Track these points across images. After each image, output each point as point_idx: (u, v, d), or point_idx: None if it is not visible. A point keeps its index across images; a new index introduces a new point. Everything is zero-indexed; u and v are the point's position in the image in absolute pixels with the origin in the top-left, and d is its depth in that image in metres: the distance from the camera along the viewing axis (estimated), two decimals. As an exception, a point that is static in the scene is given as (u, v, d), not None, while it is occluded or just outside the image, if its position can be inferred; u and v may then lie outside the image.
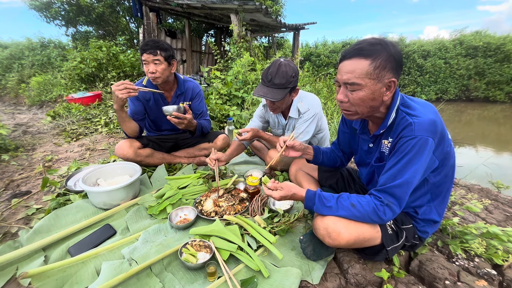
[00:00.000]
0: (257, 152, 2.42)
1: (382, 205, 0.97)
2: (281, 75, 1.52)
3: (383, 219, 0.98)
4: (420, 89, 11.65)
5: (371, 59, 0.92)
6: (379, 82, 0.94)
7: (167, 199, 1.65)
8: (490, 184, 2.21)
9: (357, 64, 0.94)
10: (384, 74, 0.93)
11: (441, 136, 0.96)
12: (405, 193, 0.95)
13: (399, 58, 0.94)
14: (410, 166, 0.93)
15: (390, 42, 0.95)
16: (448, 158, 1.04)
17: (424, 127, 0.92)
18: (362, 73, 0.94)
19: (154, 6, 7.06)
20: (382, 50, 0.92)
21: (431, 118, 0.93)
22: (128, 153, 1.92)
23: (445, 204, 1.14)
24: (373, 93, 0.96)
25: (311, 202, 1.08)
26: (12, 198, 1.84)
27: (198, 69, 9.36)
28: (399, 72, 0.96)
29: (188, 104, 2.06)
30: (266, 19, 7.60)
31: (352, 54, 0.96)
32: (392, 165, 0.98)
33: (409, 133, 0.93)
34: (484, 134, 7.30)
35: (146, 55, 1.80)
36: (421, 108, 0.98)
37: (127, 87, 1.65)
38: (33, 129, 3.98)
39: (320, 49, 13.72)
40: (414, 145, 0.92)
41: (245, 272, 1.17)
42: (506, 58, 10.57)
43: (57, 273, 1.14)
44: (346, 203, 1.01)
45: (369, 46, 0.93)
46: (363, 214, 0.99)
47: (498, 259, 1.17)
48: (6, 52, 8.94)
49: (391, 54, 0.92)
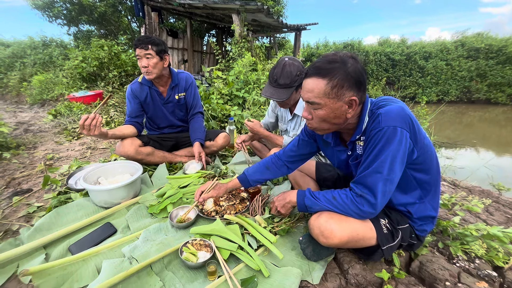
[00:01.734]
0: (257, 152, 2.42)
1: (357, 195, 0.98)
2: (285, 75, 1.54)
3: (362, 210, 0.97)
4: (422, 90, 11.63)
5: (327, 79, 0.92)
6: (339, 101, 0.94)
7: (167, 198, 1.65)
8: (491, 186, 2.21)
9: (316, 84, 0.94)
10: (343, 92, 0.93)
11: (415, 126, 0.95)
12: (376, 182, 0.94)
13: (357, 76, 0.92)
14: (380, 156, 0.92)
15: (349, 59, 0.93)
16: (427, 151, 1.02)
17: (391, 116, 0.92)
18: (320, 93, 0.94)
19: (156, 6, 7.07)
20: (339, 68, 0.91)
21: (400, 105, 0.94)
22: (129, 151, 1.93)
23: (438, 196, 1.13)
24: (333, 111, 0.97)
25: (301, 197, 1.15)
26: (13, 196, 1.84)
27: (200, 69, 9.37)
28: (361, 88, 0.95)
29: (182, 95, 2.13)
30: (268, 19, 7.61)
31: (311, 73, 0.96)
32: (365, 158, 0.98)
33: (377, 125, 0.93)
34: (485, 136, 7.29)
35: (139, 49, 1.84)
36: (389, 101, 0.99)
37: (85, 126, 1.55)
38: (34, 127, 3.99)
39: (321, 50, 13.73)
40: (382, 135, 0.91)
41: (245, 271, 1.17)
42: (508, 60, 10.55)
43: (57, 271, 1.14)
44: (329, 196, 1.06)
45: (326, 65, 0.93)
46: (343, 206, 1.01)
47: (498, 261, 1.17)
48: (8, 51, 8.98)
49: (348, 72, 0.91)
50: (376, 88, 11.32)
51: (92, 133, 1.58)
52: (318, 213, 1.09)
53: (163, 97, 2.10)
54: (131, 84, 2.05)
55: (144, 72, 1.90)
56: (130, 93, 2.03)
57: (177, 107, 2.18)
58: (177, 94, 2.12)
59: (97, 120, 1.58)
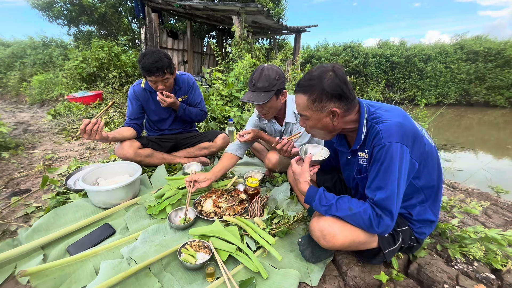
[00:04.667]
0: (256, 154, 2.42)
1: (376, 215, 0.98)
2: (264, 78, 1.55)
3: (375, 230, 0.99)
4: (421, 93, 11.67)
5: (308, 95, 1.03)
6: (322, 112, 1.04)
7: (166, 199, 1.65)
8: (490, 188, 2.21)
9: (300, 99, 1.06)
10: (324, 105, 1.02)
11: (413, 138, 0.98)
12: (393, 204, 0.96)
13: (334, 89, 0.99)
14: (389, 175, 0.95)
15: (328, 74, 0.99)
16: (428, 158, 1.04)
17: (391, 133, 0.96)
18: (304, 107, 1.06)
19: (157, 7, 7.10)
20: (316, 85, 1.00)
21: (398, 121, 0.98)
22: (128, 153, 1.92)
23: (439, 202, 1.14)
24: (319, 121, 1.07)
25: (311, 198, 1.10)
26: (11, 196, 1.84)
27: (200, 70, 9.39)
28: (343, 99, 1.01)
29: (185, 98, 2.14)
30: (268, 21, 7.64)
31: (297, 89, 1.08)
32: (374, 175, 1.00)
33: (379, 142, 0.97)
34: (484, 138, 7.31)
35: (154, 77, 1.81)
36: (387, 114, 1.01)
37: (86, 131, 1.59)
38: (33, 127, 3.98)
39: (321, 52, 13.76)
40: (385, 152, 0.95)
41: (244, 273, 1.17)
42: (507, 63, 10.60)
43: (55, 272, 1.14)
44: (345, 206, 1.02)
45: (306, 82, 1.04)
46: (358, 219, 1.00)
47: (497, 263, 1.17)
48: (8, 51, 8.96)
49: (324, 88, 0.99)
50: (376, 91, 11.36)
51: (93, 138, 1.60)
52: (320, 215, 1.09)
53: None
54: (134, 85, 2.05)
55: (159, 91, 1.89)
56: (132, 95, 2.02)
57: None
58: (180, 97, 2.12)
59: (99, 125, 1.60)
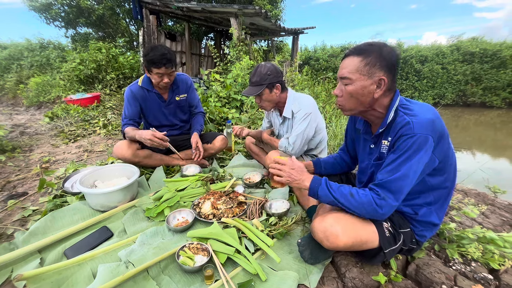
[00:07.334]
0: (255, 156, 2.42)
1: (379, 198, 0.98)
2: (257, 74, 1.77)
3: (378, 212, 0.99)
4: (418, 94, 11.73)
5: (362, 57, 1.01)
6: (369, 78, 1.01)
7: (165, 201, 1.64)
8: (487, 189, 2.22)
9: (351, 61, 1.04)
10: (374, 71, 1.00)
11: (440, 135, 0.98)
12: (401, 186, 0.97)
13: (390, 59, 1.00)
14: (407, 162, 0.96)
15: (385, 45, 1.02)
16: (448, 158, 1.05)
17: (423, 125, 0.95)
18: (353, 69, 1.03)
19: (154, 9, 7.09)
20: (374, 50, 1.00)
21: (429, 117, 0.97)
22: (127, 154, 1.92)
23: (446, 207, 1.15)
24: (362, 88, 1.03)
25: (315, 184, 1.12)
26: (8, 199, 1.82)
27: (198, 71, 9.38)
28: (392, 72, 1.01)
29: (184, 97, 2.18)
30: (266, 23, 7.65)
31: (350, 52, 1.06)
32: (390, 161, 1.00)
33: (408, 131, 0.95)
34: (481, 139, 7.35)
35: (164, 68, 1.87)
36: (419, 109, 1.01)
37: (158, 141, 1.83)
38: (30, 130, 3.96)
39: (319, 53, 13.80)
40: (413, 142, 0.94)
41: (243, 275, 1.17)
42: (502, 64, 10.67)
43: (52, 276, 1.13)
44: (346, 191, 1.05)
45: (364, 46, 1.03)
46: (359, 203, 1.01)
47: (494, 263, 1.18)
48: (5, 53, 8.93)
49: (382, 53, 0.99)
50: (373, 91, 11.37)
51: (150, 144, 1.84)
52: (322, 216, 1.10)
53: (164, 99, 2.12)
54: (131, 85, 2.04)
55: (162, 85, 1.96)
56: (130, 95, 2.01)
57: (178, 108, 2.21)
58: (178, 96, 2.15)
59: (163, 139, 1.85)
